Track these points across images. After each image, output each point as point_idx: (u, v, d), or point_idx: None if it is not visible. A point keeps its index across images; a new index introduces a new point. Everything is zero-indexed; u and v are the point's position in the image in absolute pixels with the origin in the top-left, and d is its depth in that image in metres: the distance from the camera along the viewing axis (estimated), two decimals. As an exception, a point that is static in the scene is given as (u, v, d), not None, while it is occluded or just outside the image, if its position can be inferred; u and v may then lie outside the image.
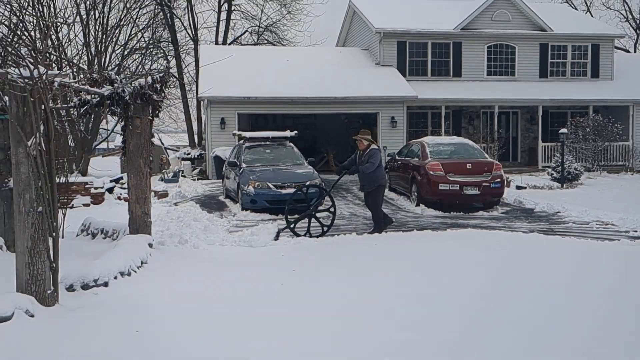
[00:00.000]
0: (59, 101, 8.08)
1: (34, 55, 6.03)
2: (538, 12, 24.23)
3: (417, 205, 13.15)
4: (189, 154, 24.51)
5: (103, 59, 22.98)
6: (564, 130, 18.90)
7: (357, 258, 8.07)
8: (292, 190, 11.67)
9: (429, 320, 5.46)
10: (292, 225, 9.87)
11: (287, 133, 15.09)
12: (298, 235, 9.67)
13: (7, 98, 5.68)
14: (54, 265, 5.75)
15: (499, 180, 12.95)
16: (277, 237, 9.60)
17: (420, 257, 7.94)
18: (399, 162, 14.95)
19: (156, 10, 28.67)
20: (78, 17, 21.73)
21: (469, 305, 5.84)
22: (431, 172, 12.79)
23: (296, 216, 10.16)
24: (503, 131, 23.92)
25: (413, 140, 16.02)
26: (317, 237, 9.68)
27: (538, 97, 22.96)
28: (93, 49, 22.63)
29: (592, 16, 37.23)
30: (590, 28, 25.42)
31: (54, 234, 5.77)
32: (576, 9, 37.37)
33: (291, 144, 14.60)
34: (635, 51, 39.07)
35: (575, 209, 12.52)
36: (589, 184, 18.48)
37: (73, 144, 21.82)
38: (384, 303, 5.96)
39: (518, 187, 16.79)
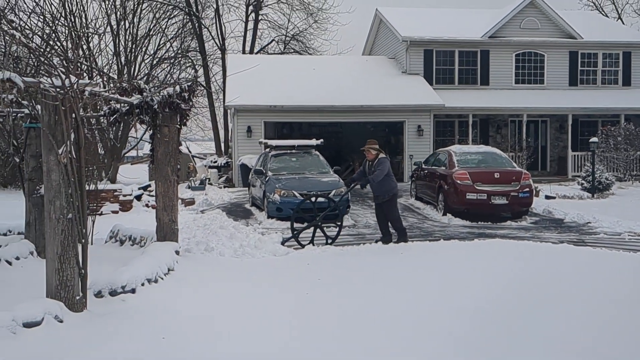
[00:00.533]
0: (89, 110, 8.22)
1: (66, 64, 6.14)
2: (567, 20, 23.92)
3: (444, 214, 13.02)
4: (215, 162, 24.71)
5: (132, 69, 23.37)
6: (594, 139, 18.57)
7: (384, 268, 8.00)
8: (318, 199, 11.69)
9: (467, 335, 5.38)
10: (297, 235, 9.83)
11: (313, 141, 15.11)
12: (302, 246, 9.59)
13: (39, 107, 5.79)
14: (82, 271, 5.82)
15: (527, 189, 12.75)
16: (283, 243, 9.61)
17: (448, 267, 7.85)
18: (426, 171, 14.84)
19: (184, 20, 29.07)
20: (109, 27, 22.16)
21: (507, 319, 5.74)
22: (458, 181, 12.66)
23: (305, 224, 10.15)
24: (532, 140, 23.61)
25: (440, 149, 15.90)
26: (320, 245, 9.60)
27: (568, 105, 22.63)
28: (123, 59, 23.03)
29: (623, 23, 36.61)
30: (621, 35, 25.01)
31: (83, 240, 5.85)
32: (607, 16, 36.81)
33: (317, 153, 14.61)
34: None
35: (606, 219, 12.26)
36: (620, 194, 18.09)
37: (102, 152, 22.20)
38: (415, 314, 5.90)
39: (547, 197, 16.52)
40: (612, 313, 5.85)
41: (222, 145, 30.98)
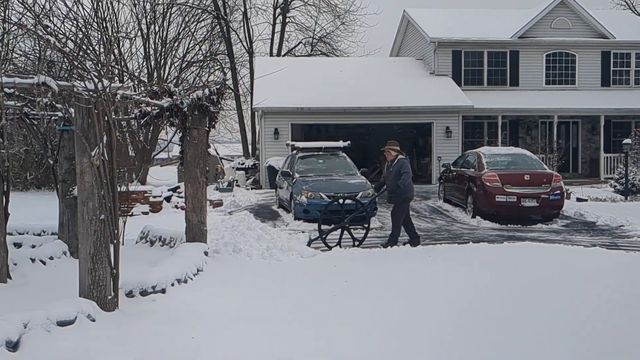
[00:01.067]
0: (120, 113, 8.36)
1: (98, 68, 6.25)
2: (599, 19, 23.50)
3: (473, 217, 12.89)
4: (243, 163, 24.89)
5: (162, 72, 23.68)
6: (627, 140, 18.19)
7: (411, 270, 7.96)
8: (347, 201, 11.75)
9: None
10: (324, 236, 9.85)
11: (340, 143, 15.11)
12: (329, 247, 9.59)
13: (72, 110, 5.91)
14: (114, 271, 5.93)
15: (558, 192, 12.56)
16: (309, 244, 9.71)
17: (477, 271, 7.78)
18: (454, 173, 14.71)
19: (213, 24, 29.36)
20: (139, 31, 22.51)
21: (539, 323, 5.67)
22: (488, 184, 12.53)
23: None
24: (562, 141, 23.24)
25: (469, 151, 15.75)
26: (348, 247, 9.61)
27: (600, 106, 22.22)
28: (153, 62, 23.35)
29: (657, 22, 35.76)
30: (655, 34, 24.47)
31: (115, 241, 5.95)
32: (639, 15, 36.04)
33: (344, 154, 14.61)
34: None
35: (640, 222, 12.01)
36: (654, 196, 17.69)
37: (133, 154, 22.54)
38: (434, 317, 5.87)
39: (578, 200, 16.24)
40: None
41: (250, 147, 31.19)
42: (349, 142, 15.32)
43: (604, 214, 13.09)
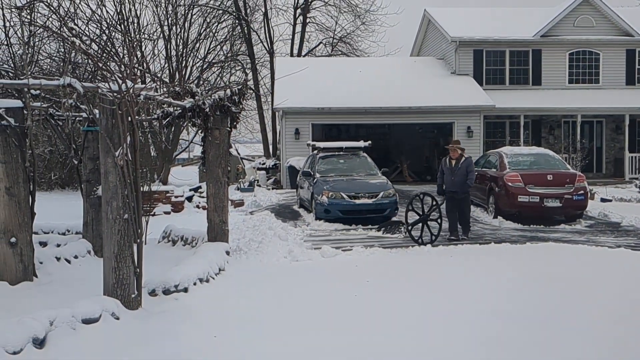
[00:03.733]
0: (143, 114, 8.45)
1: (122, 70, 6.34)
2: (624, 17, 23.12)
3: (495, 217, 12.79)
4: (264, 163, 24.98)
5: (184, 72, 23.89)
6: (653, 140, 17.89)
7: (432, 271, 7.93)
8: (366, 201, 11.81)
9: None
10: (410, 228, 10.48)
11: (361, 143, 15.08)
12: (415, 241, 10.03)
13: (97, 111, 6.00)
14: (138, 270, 6.00)
15: (581, 192, 12.39)
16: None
17: (499, 271, 7.72)
18: (476, 173, 14.59)
19: (234, 24, 29.51)
20: (161, 33, 22.73)
21: (563, 325, 5.61)
22: (510, 184, 12.41)
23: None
24: (586, 141, 22.91)
25: (490, 151, 15.62)
26: (426, 243, 9.95)
27: (625, 105, 21.86)
28: (174, 63, 23.57)
29: (684, 19, 35.09)
30: (682, 32, 24.00)
31: (138, 240, 6.03)
32: (666, 12, 35.38)
33: (365, 154, 14.58)
34: None
35: (666, 223, 11.81)
36: (681, 197, 17.36)
37: (155, 154, 22.77)
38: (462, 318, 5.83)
39: (603, 200, 16.01)
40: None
41: (270, 147, 31.30)
42: (369, 142, 15.28)
43: (628, 214, 12.89)
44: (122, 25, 18.90)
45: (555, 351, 4.94)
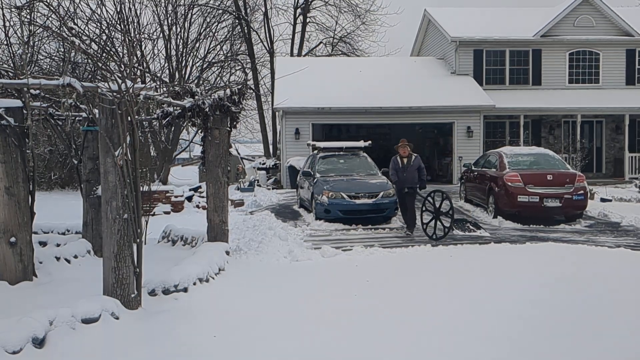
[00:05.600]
0: (142, 113, 8.46)
1: (122, 69, 6.34)
2: (624, 17, 23.12)
3: (495, 217, 12.79)
4: (264, 163, 24.99)
5: (184, 72, 23.89)
6: (653, 140, 17.89)
7: (432, 271, 7.93)
8: (366, 201, 11.82)
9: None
10: (425, 227, 10.85)
11: (361, 143, 15.09)
12: (430, 237, 10.45)
13: (96, 111, 6.00)
14: (137, 270, 6.00)
15: (581, 192, 12.39)
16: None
17: (499, 271, 7.72)
18: (475, 173, 14.60)
19: (234, 24, 29.50)
20: (161, 32, 22.73)
21: (561, 325, 5.61)
22: (509, 183, 12.41)
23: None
24: (586, 141, 22.91)
25: (490, 151, 15.62)
26: (438, 238, 10.34)
27: (624, 105, 21.86)
28: (174, 63, 23.56)
29: (684, 19, 35.07)
30: (682, 32, 24.00)
31: (138, 240, 6.02)
32: (666, 12, 35.37)
33: (365, 154, 14.58)
34: None
35: (666, 223, 11.81)
36: (681, 197, 17.36)
37: (155, 154, 22.78)
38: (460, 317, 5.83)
39: (602, 200, 16.01)
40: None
41: (271, 147, 31.30)
42: (369, 142, 15.29)
43: (628, 214, 12.89)
44: (122, 25, 18.90)
45: (563, 353, 4.94)
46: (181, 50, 23.96)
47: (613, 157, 23.62)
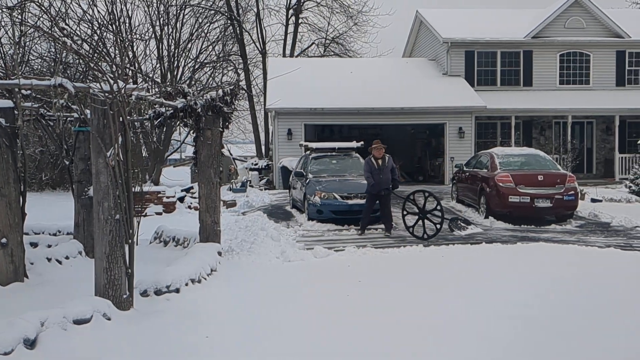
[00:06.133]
0: (134, 114, 8.44)
1: (113, 70, 6.33)
2: (614, 18, 23.29)
3: (486, 217, 12.84)
4: (256, 164, 24.97)
5: (176, 73, 23.84)
6: (643, 140, 18.02)
7: (424, 271, 7.96)
8: (358, 201, 11.84)
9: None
10: (411, 230, 10.88)
11: (354, 144, 15.12)
12: (420, 238, 10.51)
13: (88, 111, 5.99)
14: (129, 271, 5.99)
15: (572, 192, 12.47)
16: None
17: (490, 272, 7.76)
18: (467, 174, 14.67)
19: (226, 25, 29.47)
20: (153, 33, 22.67)
21: (553, 325, 5.65)
22: (500, 184, 12.47)
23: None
24: (577, 142, 23.06)
25: (482, 151, 15.69)
26: (430, 237, 10.43)
27: (615, 106, 22.02)
28: (166, 63, 23.51)
29: (673, 21, 35.32)
30: (671, 33, 24.19)
31: (130, 240, 6.01)
32: (656, 13, 35.64)
33: (357, 155, 14.61)
34: None
35: (655, 223, 11.90)
36: (670, 197, 17.48)
37: (147, 155, 22.71)
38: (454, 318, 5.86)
39: (593, 200, 16.11)
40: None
41: (263, 147, 31.28)
42: (362, 142, 15.32)
43: (618, 214, 12.97)
44: (114, 26, 18.84)
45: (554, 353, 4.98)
46: (173, 50, 23.92)
47: (603, 158, 23.78)
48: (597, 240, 10.47)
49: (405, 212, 11.07)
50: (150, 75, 22.03)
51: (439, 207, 10.85)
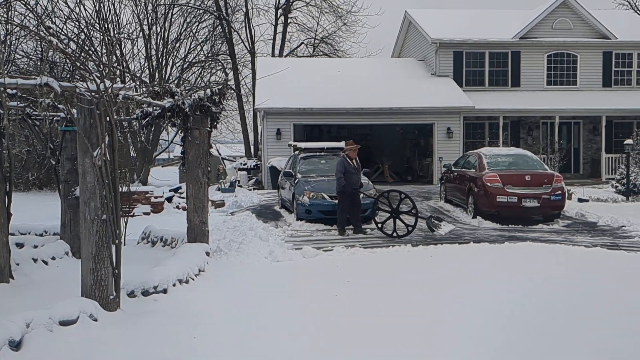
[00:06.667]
0: (122, 113, 8.39)
1: (100, 69, 6.28)
2: (601, 19, 23.48)
3: (474, 217, 12.90)
4: (245, 164, 24.91)
5: (164, 72, 23.74)
6: (629, 141, 18.17)
7: (412, 271, 7.98)
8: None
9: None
10: (380, 226, 10.98)
11: (342, 144, 15.12)
12: (390, 235, 10.67)
13: (75, 111, 5.94)
14: (116, 271, 5.95)
15: (559, 192, 12.56)
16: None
17: (478, 271, 7.79)
18: (455, 174, 14.72)
19: (215, 24, 29.38)
20: (141, 32, 22.56)
21: (540, 324, 5.68)
22: (488, 184, 12.53)
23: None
24: (564, 142, 23.22)
25: (470, 152, 15.76)
26: (400, 236, 10.62)
27: (601, 106, 22.20)
28: (154, 63, 23.40)
29: (659, 22, 35.66)
30: (657, 35, 24.43)
31: (117, 241, 5.98)
32: (642, 15, 35.95)
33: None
34: None
35: (641, 223, 12.00)
36: (656, 197, 17.66)
37: (135, 155, 22.60)
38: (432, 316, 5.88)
39: (580, 200, 16.24)
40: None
41: (252, 147, 31.21)
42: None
43: (605, 214, 13.09)
44: (101, 24, 18.71)
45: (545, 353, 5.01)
46: (161, 50, 23.81)
47: (590, 158, 23.97)
48: (584, 240, 10.55)
49: (376, 208, 11.28)
50: (138, 75, 21.91)
51: (413, 211, 11.01)
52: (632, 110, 22.43)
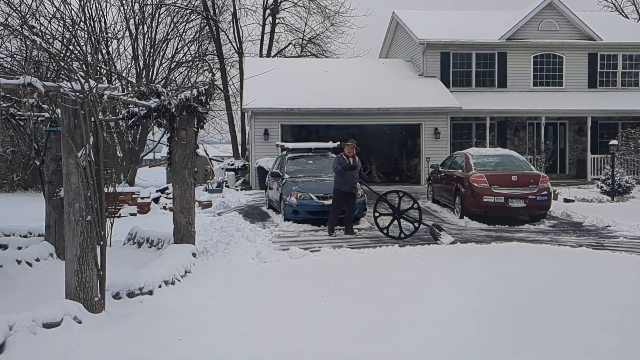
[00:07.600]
0: (108, 113, 8.33)
1: (85, 69, 6.23)
2: (586, 21, 23.68)
3: (461, 217, 12.95)
4: (232, 164, 24.83)
5: (150, 72, 23.59)
6: (614, 141, 18.34)
7: (399, 271, 7.99)
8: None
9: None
10: (385, 231, 10.76)
11: (330, 144, 15.15)
12: (396, 238, 10.49)
13: (59, 111, 5.88)
14: (101, 273, 5.90)
15: (545, 192, 12.64)
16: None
17: (465, 271, 7.82)
18: (442, 174, 14.78)
19: (202, 24, 29.27)
20: (127, 31, 22.40)
21: (524, 322, 5.71)
22: (475, 184, 12.59)
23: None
24: (550, 143, 23.39)
25: (457, 152, 15.82)
26: (407, 236, 10.52)
27: (587, 107, 22.38)
28: (141, 63, 23.25)
29: (643, 24, 36.06)
30: (641, 37, 24.69)
31: (102, 242, 5.93)
32: (627, 17, 36.38)
33: (334, 155, 14.60)
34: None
35: (626, 223, 12.10)
36: (641, 197, 17.84)
37: (121, 155, 22.44)
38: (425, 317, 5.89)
39: (566, 200, 16.35)
40: (631, 316, 5.79)
41: (239, 148, 31.14)
42: (338, 143, 15.34)
43: (590, 214, 13.19)
44: (86, 23, 18.57)
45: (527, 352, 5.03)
46: (148, 50, 23.67)
47: (576, 159, 24.16)
48: (570, 240, 10.62)
49: (377, 214, 11.03)
50: (124, 75, 21.77)
51: (415, 206, 10.93)
52: (617, 111, 22.64)
